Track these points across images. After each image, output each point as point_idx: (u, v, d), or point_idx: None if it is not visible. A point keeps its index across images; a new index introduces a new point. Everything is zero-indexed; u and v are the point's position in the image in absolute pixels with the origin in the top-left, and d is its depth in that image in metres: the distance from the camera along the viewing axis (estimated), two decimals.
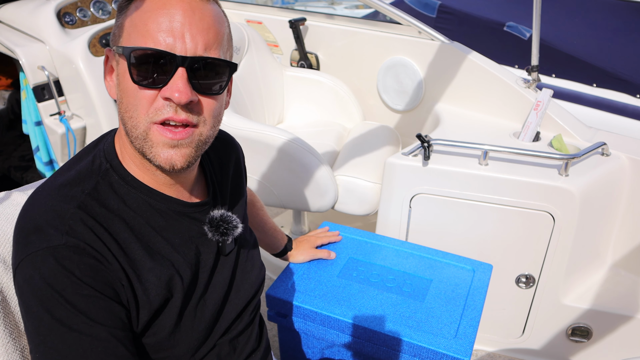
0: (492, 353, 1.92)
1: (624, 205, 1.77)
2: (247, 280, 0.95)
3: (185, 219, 0.82)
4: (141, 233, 0.76)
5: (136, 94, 0.69)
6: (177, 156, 0.71)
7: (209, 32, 0.70)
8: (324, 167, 1.89)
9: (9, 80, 3.14)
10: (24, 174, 3.02)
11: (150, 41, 0.68)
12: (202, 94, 0.71)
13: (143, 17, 0.69)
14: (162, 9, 0.68)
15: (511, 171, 1.64)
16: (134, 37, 0.69)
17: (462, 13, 3.58)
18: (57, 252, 0.67)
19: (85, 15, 2.44)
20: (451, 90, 2.20)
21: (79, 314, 0.66)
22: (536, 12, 1.75)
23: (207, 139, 0.75)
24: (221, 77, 0.73)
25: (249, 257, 0.97)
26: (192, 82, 0.69)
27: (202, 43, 0.69)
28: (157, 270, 0.75)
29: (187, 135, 0.71)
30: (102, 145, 0.80)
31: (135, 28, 0.69)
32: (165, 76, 0.68)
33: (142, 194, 0.77)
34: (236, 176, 0.99)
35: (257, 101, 2.39)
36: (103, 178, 0.76)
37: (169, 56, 0.67)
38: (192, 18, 0.68)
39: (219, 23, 0.73)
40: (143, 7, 0.69)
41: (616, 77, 3.01)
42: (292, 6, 5.84)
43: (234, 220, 0.87)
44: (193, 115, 0.71)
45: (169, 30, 0.67)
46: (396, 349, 1.12)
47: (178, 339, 0.79)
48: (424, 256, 1.37)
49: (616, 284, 1.80)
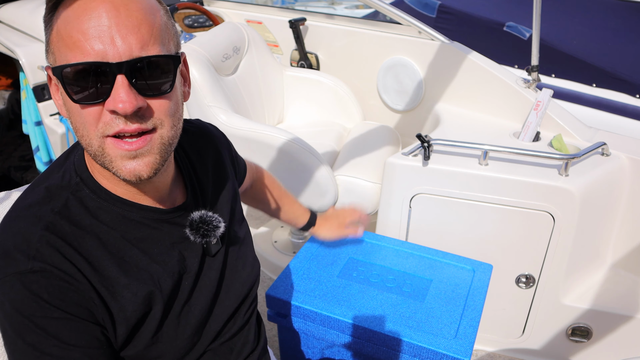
0: (492, 353, 1.92)
1: (624, 205, 1.77)
2: (238, 279, 0.92)
3: (164, 225, 0.79)
4: (116, 248, 0.73)
5: (80, 112, 0.64)
6: (141, 166, 0.67)
7: (140, 28, 0.63)
8: (324, 167, 1.89)
9: (9, 80, 3.14)
10: (24, 174, 3.02)
11: (79, 53, 0.61)
12: (150, 97, 0.65)
13: (67, 28, 0.62)
14: (84, 15, 0.61)
15: (511, 171, 1.64)
16: (63, 53, 0.63)
17: (462, 13, 3.58)
18: (24, 277, 0.65)
19: None
20: (451, 90, 2.20)
21: (50, 338, 0.65)
22: (536, 12, 1.75)
23: (171, 141, 0.70)
24: (167, 73, 0.66)
25: (240, 255, 0.93)
26: (135, 87, 0.63)
27: (135, 42, 0.62)
28: (132, 285, 0.73)
29: (145, 143, 0.66)
30: (72, 158, 0.77)
31: (62, 41, 0.63)
32: (105, 87, 0.62)
33: (115, 206, 0.74)
34: (218, 170, 0.93)
35: (257, 101, 2.39)
36: (73, 194, 0.73)
37: (103, 65, 0.61)
38: (118, 18, 0.61)
39: (151, 15, 0.65)
40: (66, 16, 0.63)
41: (616, 77, 3.01)
42: (292, 6, 5.84)
43: (215, 220, 0.83)
44: (146, 122, 0.65)
45: (96, 37, 0.61)
46: (396, 349, 1.12)
47: (161, 349, 0.78)
48: (424, 256, 1.37)
49: (616, 284, 1.80)
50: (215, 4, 2.86)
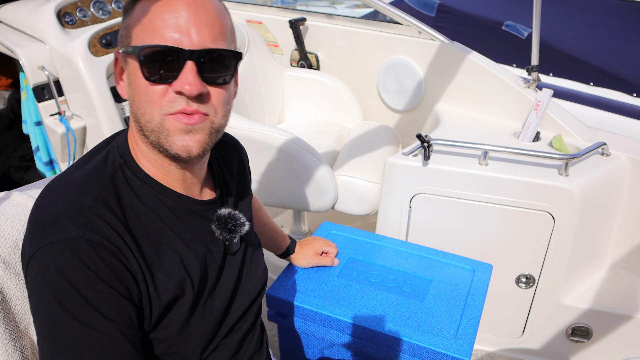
0: (492, 353, 1.92)
1: (624, 205, 1.77)
2: (252, 281, 0.96)
3: (194, 216, 0.83)
4: (153, 228, 0.77)
5: (147, 90, 0.71)
6: (192, 142, 0.73)
7: (213, 25, 0.72)
8: (324, 167, 1.89)
9: (9, 80, 3.13)
10: (24, 174, 3.02)
11: (158, 38, 0.70)
12: (212, 85, 0.73)
13: (149, 16, 0.71)
14: (167, 7, 0.70)
15: (511, 171, 1.64)
16: (142, 36, 0.71)
17: (461, 12, 3.59)
18: (74, 245, 0.67)
19: (85, 15, 2.44)
20: (451, 90, 2.20)
21: (90, 309, 0.66)
22: (536, 12, 1.75)
23: (219, 127, 0.77)
24: (228, 67, 0.75)
25: (254, 258, 0.98)
26: (201, 74, 0.71)
27: (208, 36, 0.71)
28: (166, 267, 0.76)
29: (201, 120, 0.73)
30: (116, 142, 0.82)
31: (143, 27, 0.71)
32: (175, 71, 0.70)
33: (153, 190, 0.79)
34: (241, 177, 1.01)
35: (257, 101, 2.39)
36: (117, 172, 0.77)
37: (178, 51, 0.69)
38: (196, 13, 0.70)
39: (222, 16, 0.75)
40: (148, 6, 0.71)
41: (613, 76, 3.02)
42: (292, 6, 5.84)
43: (242, 218, 0.89)
44: (204, 106, 0.73)
45: (175, 27, 0.70)
46: (396, 349, 1.12)
47: (188, 334, 0.80)
48: (424, 256, 1.37)
49: (616, 284, 1.80)
50: None
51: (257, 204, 1.27)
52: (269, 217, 1.30)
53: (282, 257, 1.33)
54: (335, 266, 1.32)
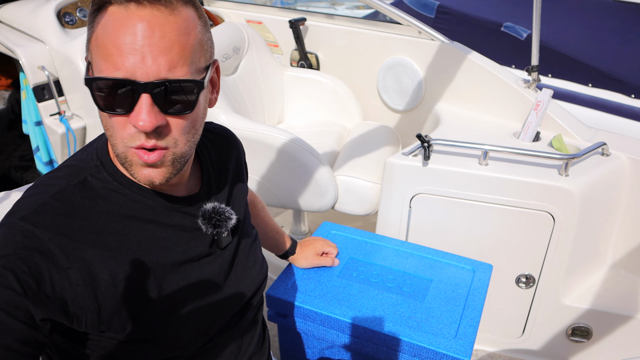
0: (492, 353, 1.92)
1: (624, 205, 1.77)
2: (248, 276, 0.94)
3: (177, 213, 0.82)
4: (120, 225, 0.75)
5: (108, 119, 0.70)
6: (155, 174, 0.72)
7: (172, 50, 0.66)
8: (324, 167, 1.89)
9: (9, 80, 3.13)
10: (24, 174, 3.02)
11: (111, 66, 0.65)
12: (171, 115, 0.69)
13: (105, 40, 0.66)
14: (122, 29, 0.65)
15: (511, 171, 1.64)
16: (97, 60, 0.67)
17: (460, 13, 3.60)
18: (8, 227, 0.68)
19: (85, 15, 2.44)
20: (451, 90, 2.20)
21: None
22: (536, 12, 1.75)
23: (184, 154, 0.74)
24: (189, 95, 0.70)
25: (251, 253, 0.96)
26: (158, 105, 0.67)
27: (164, 64, 0.66)
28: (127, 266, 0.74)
29: (159, 157, 0.71)
30: (96, 145, 0.81)
31: (98, 50, 0.67)
32: (129, 104, 0.66)
33: (130, 191, 0.78)
34: (237, 172, 0.99)
35: (257, 101, 2.39)
36: (92, 174, 0.77)
37: (130, 83, 0.65)
38: (151, 38, 0.65)
39: (185, 35, 0.68)
40: (105, 25, 0.66)
41: (611, 77, 3.03)
42: (292, 6, 5.84)
43: (227, 212, 0.87)
44: (161, 140, 0.70)
45: (129, 54, 0.64)
46: (396, 349, 1.12)
47: (160, 330, 0.78)
48: (424, 256, 1.37)
49: (616, 284, 1.80)
50: (215, 4, 2.86)
51: (260, 205, 1.26)
52: (271, 217, 1.29)
53: (282, 258, 1.33)
54: (335, 266, 1.32)
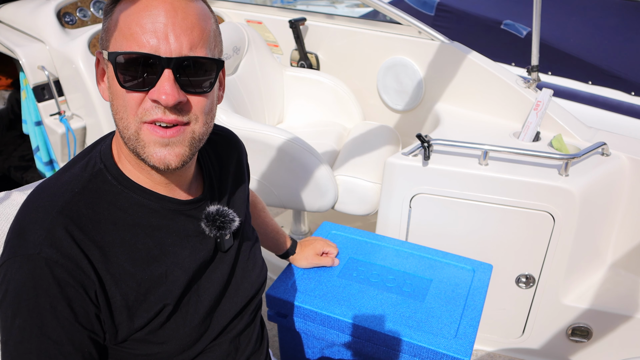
0: (492, 353, 1.92)
1: (624, 205, 1.77)
2: (248, 279, 0.95)
3: (180, 217, 0.82)
4: (130, 234, 0.76)
5: (124, 96, 0.70)
6: (171, 155, 0.72)
7: (193, 31, 0.69)
8: (324, 167, 1.89)
9: (9, 80, 3.14)
10: (24, 174, 3.02)
11: (135, 44, 0.67)
12: (191, 93, 0.71)
13: (127, 20, 0.68)
14: (145, 11, 0.67)
15: (511, 171, 1.64)
16: (119, 41, 0.69)
17: (460, 11, 3.60)
18: (30, 262, 0.68)
19: (85, 15, 2.44)
20: (451, 90, 2.20)
21: (35, 327, 0.67)
22: (536, 11, 1.75)
23: (201, 137, 0.75)
24: (209, 74, 0.72)
25: (251, 256, 0.97)
26: (179, 82, 0.69)
27: (186, 42, 0.68)
28: (138, 274, 0.75)
29: (179, 133, 0.71)
30: (99, 147, 0.81)
31: (120, 31, 0.69)
32: (152, 78, 0.68)
33: (135, 194, 0.77)
34: (238, 174, 0.99)
35: (257, 101, 2.39)
36: (95, 178, 0.76)
37: (154, 58, 0.67)
38: (175, 18, 0.68)
39: (204, 21, 0.72)
40: (127, 10, 0.69)
41: (611, 75, 3.02)
42: (292, 6, 5.84)
43: (230, 214, 0.87)
44: (183, 115, 0.71)
45: (152, 32, 0.67)
46: (396, 349, 1.12)
47: (168, 334, 0.79)
48: (424, 256, 1.37)
49: (616, 284, 1.80)
50: (215, 4, 2.86)
51: (261, 205, 1.26)
52: (271, 218, 1.29)
53: (282, 258, 1.33)
54: (335, 266, 1.32)
